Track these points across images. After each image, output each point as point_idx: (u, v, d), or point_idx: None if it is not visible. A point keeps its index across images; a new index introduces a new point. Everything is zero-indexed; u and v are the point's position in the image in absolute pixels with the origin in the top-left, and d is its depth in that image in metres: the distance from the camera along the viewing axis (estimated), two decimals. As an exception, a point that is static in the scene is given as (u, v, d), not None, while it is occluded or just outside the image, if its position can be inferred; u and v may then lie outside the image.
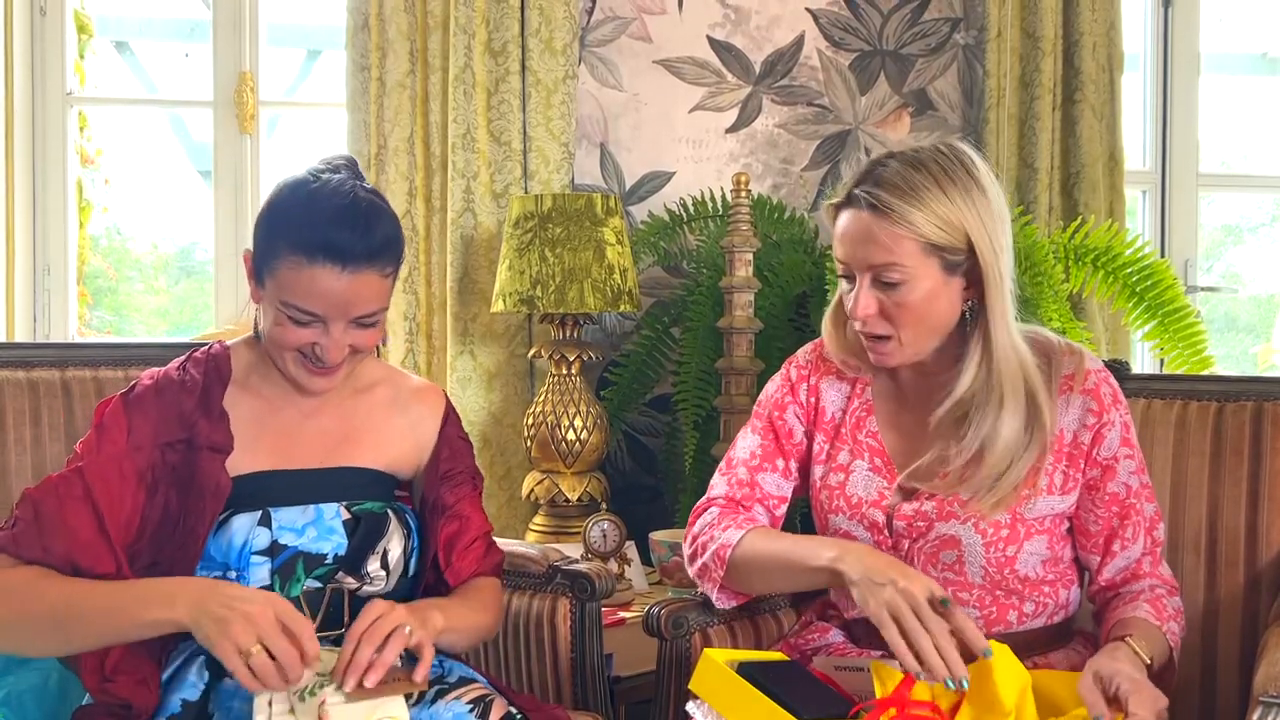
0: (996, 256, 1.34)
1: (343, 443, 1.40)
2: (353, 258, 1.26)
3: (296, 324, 1.29)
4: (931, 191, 1.32)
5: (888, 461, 1.45)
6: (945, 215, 1.32)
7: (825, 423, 1.51)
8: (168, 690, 1.27)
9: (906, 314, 1.35)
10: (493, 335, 2.58)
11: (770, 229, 2.56)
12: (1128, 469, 1.40)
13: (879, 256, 1.33)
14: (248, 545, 1.29)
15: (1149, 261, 2.31)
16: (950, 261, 1.35)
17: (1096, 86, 2.70)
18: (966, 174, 1.35)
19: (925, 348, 1.40)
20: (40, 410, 1.69)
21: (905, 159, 1.36)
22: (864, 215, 1.34)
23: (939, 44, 2.82)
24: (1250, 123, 3.38)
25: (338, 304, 1.27)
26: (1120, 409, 1.41)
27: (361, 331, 1.31)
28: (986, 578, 1.38)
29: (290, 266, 1.26)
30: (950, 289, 1.36)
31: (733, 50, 2.76)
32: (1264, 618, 1.54)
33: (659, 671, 1.54)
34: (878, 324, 1.37)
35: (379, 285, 1.30)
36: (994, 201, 1.35)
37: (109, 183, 2.89)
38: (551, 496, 2.37)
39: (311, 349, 1.31)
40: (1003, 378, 1.35)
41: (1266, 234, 3.59)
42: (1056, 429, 1.38)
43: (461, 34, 2.52)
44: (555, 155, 2.58)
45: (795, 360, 1.56)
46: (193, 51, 2.91)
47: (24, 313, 2.67)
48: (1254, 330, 3.55)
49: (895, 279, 1.34)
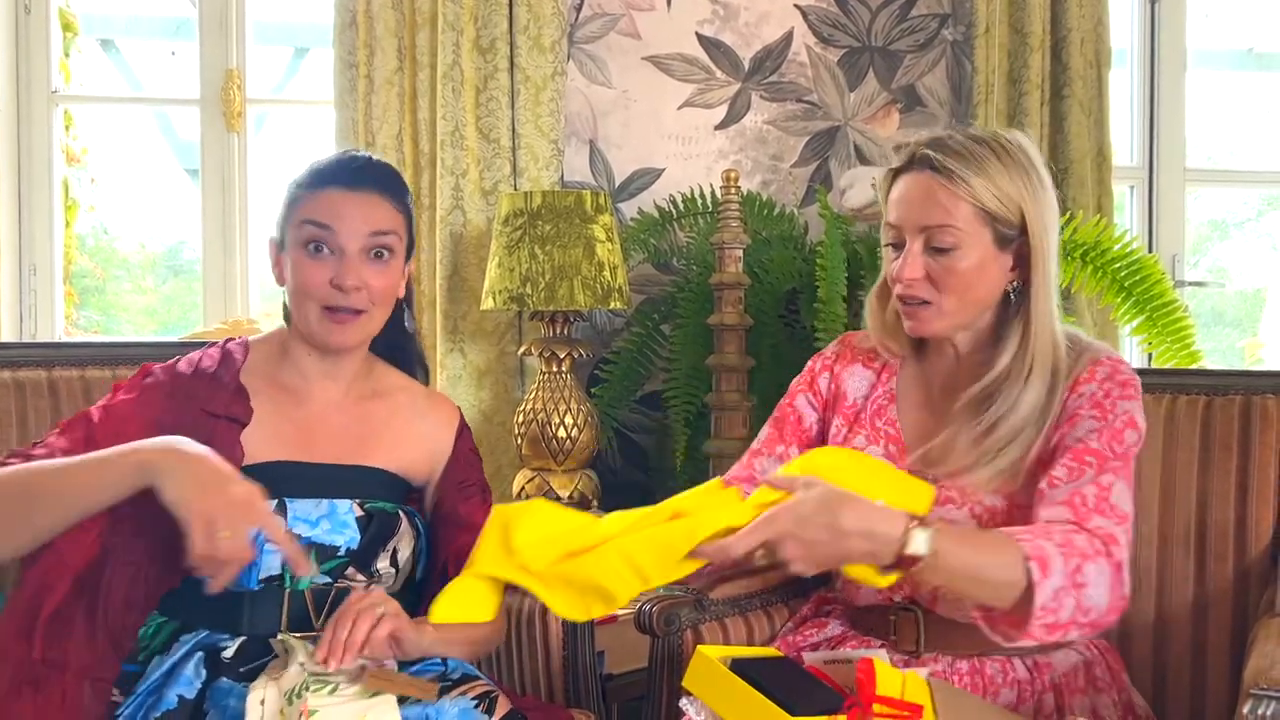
0: (1047, 241, 1.36)
1: (360, 442, 1.43)
2: (358, 179, 1.38)
3: (315, 252, 1.36)
4: (993, 163, 1.35)
5: (902, 449, 1.45)
6: (1004, 187, 1.35)
7: (846, 407, 1.51)
8: (165, 685, 1.27)
9: (953, 280, 1.36)
10: (483, 333, 2.57)
11: (760, 225, 2.56)
12: (1087, 427, 1.33)
13: (936, 217, 1.35)
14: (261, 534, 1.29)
15: (1137, 256, 2.32)
16: (1003, 234, 1.36)
17: (1084, 82, 2.71)
18: (1026, 157, 1.38)
19: (963, 321, 1.40)
20: (27, 410, 1.68)
21: (969, 133, 1.39)
22: (924, 176, 1.36)
23: (927, 40, 2.82)
24: (1237, 118, 3.39)
25: (348, 217, 1.36)
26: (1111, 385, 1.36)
27: (377, 266, 1.38)
28: None
29: (305, 199, 1.38)
30: (999, 264, 1.37)
31: (721, 47, 2.76)
32: (1253, 610, 1.55)
33: (651, 668, 1.54)
34: (922, 288, 1.38)
35: (387, 210, 1.39)
36: (1048, 191, 1.39)
37: (95, 182, 2.88)
38: (542, 493, 2.36)
39: (331, 289, 1.36)
40: (1036, 357, 1.36)
41: (1252, 229, 3.61)
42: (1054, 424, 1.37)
43: (450, 30, 2.51)
44: (544, 152, 2.57)
45: (822, 353, 1.59)
46: (179, 49, 2.89)
47: (10, 312, 2.65)
48: (1240, 325, 3.57)
49: (948, 243, 1.35)
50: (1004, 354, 1.38)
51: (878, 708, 1.23)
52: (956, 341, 1.44)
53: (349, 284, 1.35)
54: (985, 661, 1.38)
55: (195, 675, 1.27)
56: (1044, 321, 1.37)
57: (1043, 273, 1.36)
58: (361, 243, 1.36)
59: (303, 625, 1.34)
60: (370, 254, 1.38)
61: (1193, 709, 1.57)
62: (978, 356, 1.42)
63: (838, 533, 1.19)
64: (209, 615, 1.33)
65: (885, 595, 1.42)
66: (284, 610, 1.33)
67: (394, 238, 1.39)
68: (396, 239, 1.40)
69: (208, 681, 1.27)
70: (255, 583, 1.32)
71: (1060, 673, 1.38)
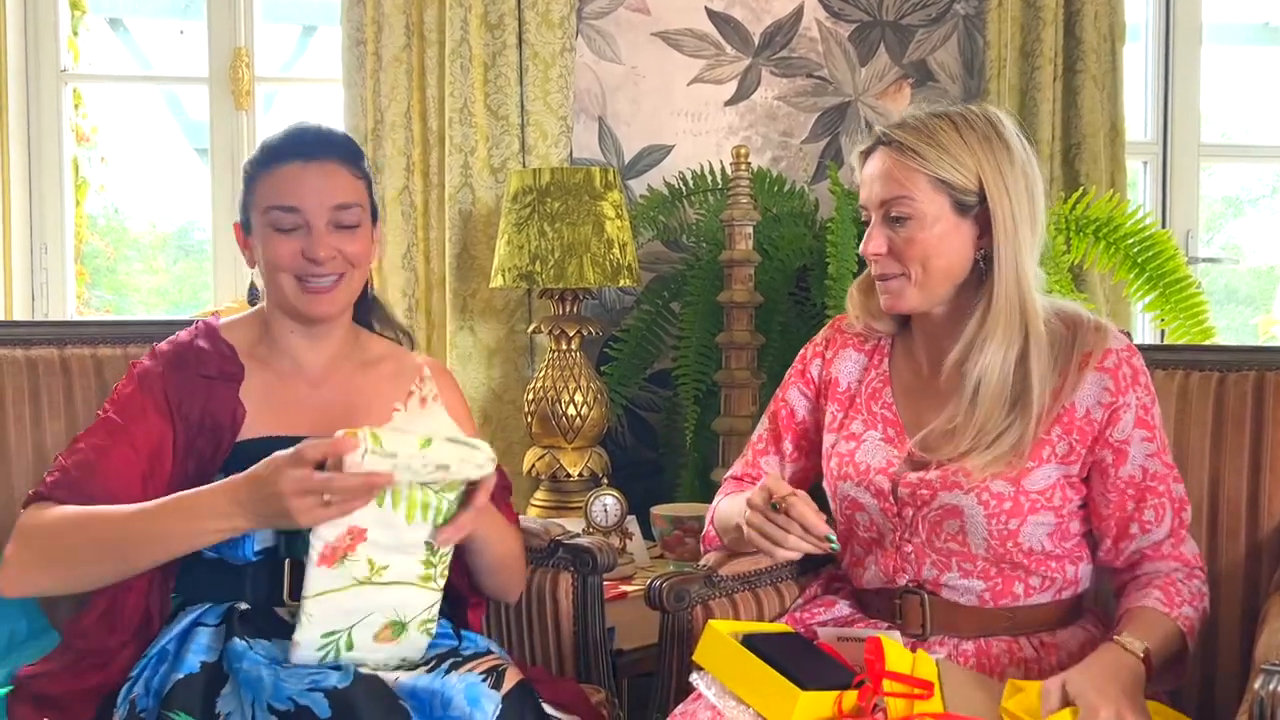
0: (1011, 206, 1.36)
1: (348, 414, 1.43)
2: (315, 149, 1.39)
3: (282, 231, 1.37)
4: (948, 134, 1.37)
5: (900, 431, 1.45)
6: (958, 155, 1.36)
7: (840, 393, 1.52)
8: (182, 649, 1.29)
9: (914, 250, 1.37)
10: (492, 311, 2.57)
11: (770, 202, 2.54)
12: (1144, 451, 1.38)
13: (892, 190, 1.37)
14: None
15: (1150, 232, 2.31)
16: (961, 202, 1.37)
17: (1098, 57, 2.69)
18: (989, 125, 1.39)
19: (936, 293, 1.40)
20: (39, 389, 1.69)
21: (932, 110, 1.41)
22: (882, 154, 1.40)
23: (939, 14, 2.79)
24: (1252, 93, 3.36)
25: (309, 192, 1.37)
26: (1139, 391, 1.39)
27: (345, 234, 1.39)
28: (989, 550, 1.37)
29: (263, 180, 1.39)
30: (960, 232, 1.38)
31: (731, 22, 2.74)
32: (1265, 586, 1.55)
33: (661, 644, 1.54)
34: (888, 263, 1.40)
35: (347, 178, 1.40)
36: (1017, 156, 1.38)
37: (105, 161, 2.88)
38: (553, 472, 2.37)
39: (304, 261, 1.37)
40: (1001, 318, 1.36)
41: (1267, 205, 3.58)
42: (1068, 400, 1.37)
43: (458, 7, 2.50)
44: (553, 129, 2.56)
45: (813, 340, 1.60)
46: (187, 28, 2.88)
47: (21, 291, 2.66)
48: (1254, 302, 3.54)
49: (905, 213, 1.37)
50: (971, 320, 1.39)
51: (888, 684, 1.23)
52: (933, 315, 1.44)
53: (322, 255, 1.37)
54: (991, 642, 1.38)
55: (214, 640, 1.29)
56: (1009, 285, 1.36)
57: (1007, 237, 1.36)
58: (327, 216, 1.38)
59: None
60: (336, 226, 1.39)
61: (1204, 684, 1.57)
62: (956, 329, 1.41)
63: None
64: (211, 589, 1.35)
65: (890, 579, 1.43)
66: (284, 580, 1.34)
67: (358, 210, 1.40)
68: (361, 210, 1.41)
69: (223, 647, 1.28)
70: (252, 554, 1.34)
71: (1068, 652, 1.38)
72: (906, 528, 1.40)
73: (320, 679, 1.19)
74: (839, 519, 1.49)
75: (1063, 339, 1.39)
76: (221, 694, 1.24)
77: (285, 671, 1.22)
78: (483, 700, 1.20)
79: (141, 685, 1.28)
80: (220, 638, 1.30)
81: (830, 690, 1.24)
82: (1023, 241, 1.37)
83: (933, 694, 1.24)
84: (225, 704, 1.22)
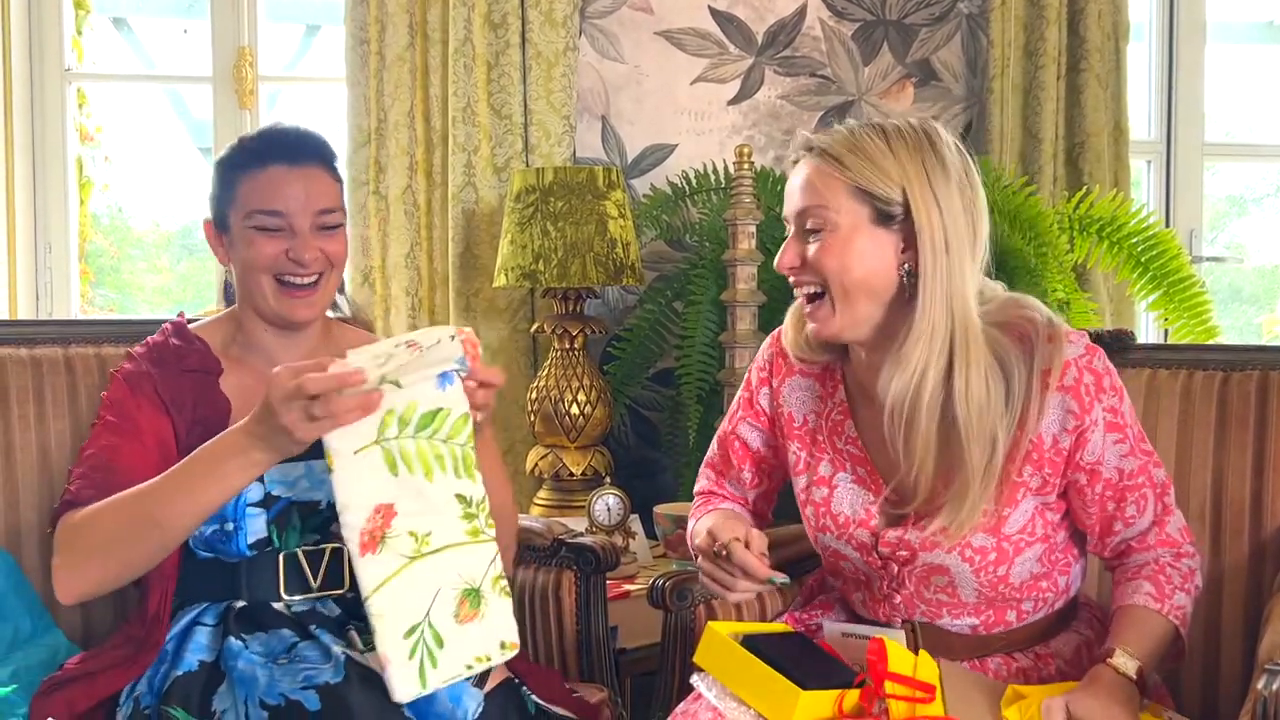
0: (941, 219, 1.27)
1: None
2: (299, 153, 1.40)
3: (266, 233, 1.38)
4: (875, 143, 1.29)
5: (871, 471, 1.38)
6: (882, 164, 1.28)
7: (798, 430, 1.44)
8: (181, 647, 1.31)
9: (829, 260, 1.29)
10: (495, 310, 2.57)
11: (773, 201, 2.54)
12: (1118, 454, 1.32)
13: (810, 199, 1.30)
14: (243, 498, 1.33)
15: (1154, 232, 2.31)
16: (882, 211, 1.28)
17: (1101, 55, 2.68)
18: (922, 138, 1.30)
19: (860, 312, 1.31)
20: (44, 387, 1.69)
21: (865, 122, 1.34)
22: (806, 164, 1.33)
23: (943, 13, 2.79)
24: (1256, 92, 3.35)
25: (296, 197, 1.38)
26: (1104, 397, 1.30)
27: (327, 236, 1.40)
28: (981, 596, 1.35)
29: (247, 180, 1.39)
30: (879, 243, 1.29)
31: (734, 21, 2.74)
32: (1268, 586, 1.54)
33: (664, 643, 1.55)
34: (803, 275, 1.33)
35: (329, 184, 1.42)
36: (952, 170, 1.30)
37: (109, 160, 2.88)
38: (555, 471, 2.37)
39: (287, 260, 1.38)
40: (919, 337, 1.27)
41: (1271, 205, 3.57)
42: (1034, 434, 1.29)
43: (461, 6, 2.50)
44: (556, 128, 2.57)
45: (755, 362, 1.51)
46: (191, 27, 2.89)
47: (26, 290, 2.67)
48: (1258, 301, 3.54)
49: (818, 224, 1.29)
50: (895, 344, 1.29)
51: (890, 686, 1.23)
52: (866, 342, 1.35)
53: (307, 257, 1.38)
54: (986, 660, 1.37)
55: (210, 640, 1.31)
56: (935, 302, 1.27)
57: (934, 251, 1.27)
58: (311, 220, 1.39)
59: (302, 587, 1.36)
60: (319, 228, 1.40)
61: (1206, 684, 1.57)
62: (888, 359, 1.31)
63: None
64: (208, 587, 1.36)
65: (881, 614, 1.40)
66: (280, 574, 1.35)
67: (339, 213, 1.43)
68: (341, 212, 1.44)
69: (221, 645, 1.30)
70: (246, 549, 1.34)
71: (1064, 659, 1.37)
72: (893, 579, 1.36)
73: (313, 676, 1.21)
74: (824, 560, 1.46)
75: (1016, 358, 1.29)
76: (217, 691, 1.25)
77: (279, 669, 1.23)
78: (465, 698, 1.22)
79: (144, 683, 1.30)
80: (218, 637, 1.31)
81: (831, 689, 1.24)
82: (957, 258, 1.27)
83: (934, 697, 1.24)
84: (220, 701, 1.24)
